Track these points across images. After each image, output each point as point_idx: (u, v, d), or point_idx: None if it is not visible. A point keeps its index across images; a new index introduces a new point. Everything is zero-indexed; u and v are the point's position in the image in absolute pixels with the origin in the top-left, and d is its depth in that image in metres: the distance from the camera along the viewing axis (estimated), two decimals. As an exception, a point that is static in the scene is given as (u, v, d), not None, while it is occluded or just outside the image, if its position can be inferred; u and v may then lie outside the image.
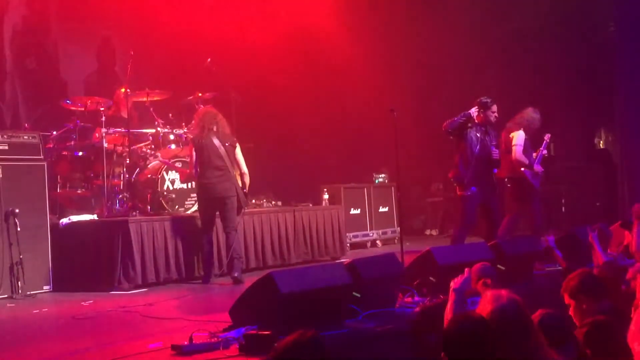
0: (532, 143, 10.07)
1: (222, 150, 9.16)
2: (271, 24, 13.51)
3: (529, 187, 9.94)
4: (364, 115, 14.47)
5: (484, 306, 3.88)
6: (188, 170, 9.52)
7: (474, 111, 9.41)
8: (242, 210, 9.41)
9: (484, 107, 9.44)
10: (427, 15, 15.47)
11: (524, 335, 3.84)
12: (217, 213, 9.25)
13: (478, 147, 9.36)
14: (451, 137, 9.55)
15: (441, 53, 15.58)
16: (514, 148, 9.95)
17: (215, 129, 9.24)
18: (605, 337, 4.57)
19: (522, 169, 9.90)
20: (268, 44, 13.37)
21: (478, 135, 9.40)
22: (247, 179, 9.50)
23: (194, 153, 9.25)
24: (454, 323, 3.79)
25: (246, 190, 9.49)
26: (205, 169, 9.16)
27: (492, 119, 9.51)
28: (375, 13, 14.95)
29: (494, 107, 9.48)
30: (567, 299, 4.97)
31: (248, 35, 13.36)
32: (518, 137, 10.07)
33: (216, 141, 9.16)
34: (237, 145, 9.47)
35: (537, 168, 10.05)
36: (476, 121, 9.43)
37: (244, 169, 9.49)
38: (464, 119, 9.36)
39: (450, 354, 3.62)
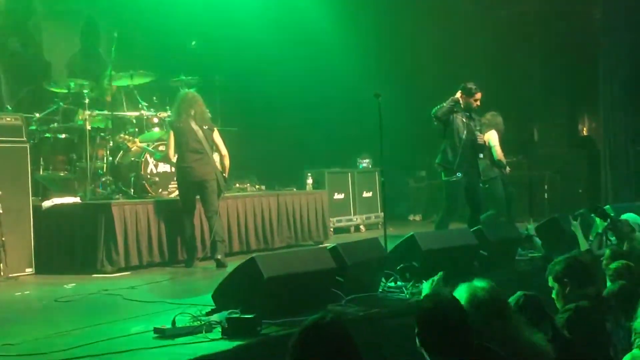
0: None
1: (200, 134, 9.13)
2: (257, 8, 13.43)
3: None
4: (348, 100, 14.46)
5: (459, 296, 3.91)
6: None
7: (458, 95, 9.44)
8: (222, 194, 9.40)
9: (467, 93, 9.45)
10: (414, 1, 15.46)
11: (500, 319, 3.88)
12: (198, 197, 9.25)
13: (465, 132, 9.39)
14: (436, 123, 9.56)
15: (426, 39, 15.58)
16: (495, 148, 10.18)
17: (193, 113, 9.20)
18: (585, 324, 4.61)
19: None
20: (253, 28, 13.31)
21: (464, 120, 9.42)
22: (227, 162, 9.49)
23: (172, 137, 9.23)
24: (427, 302, 3.83)
25: (226, 173, 9.48)
26: (183, 153, 9.14)
27: (474, 106, 9.52)
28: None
29: (478, 95, 9.48)
30: (551, 282, 4.99)
31: (233, 19, 13.28)
32: (494, 137, 10.28)
33: (194, 125, 9.13)
34: (216, 129, 9.45)
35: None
36: (461, 106, 9.46)
37: (224, 151, 9.48)
38: (452, 104, 9.37)
39: (423, 333, 3.65)
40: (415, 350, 3.73)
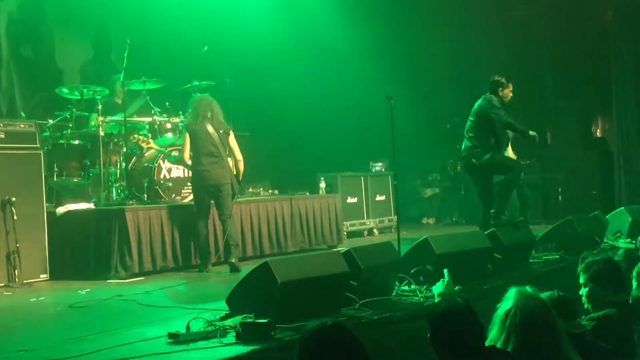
0: None
1: (215, 137, 9.15)
2: (268, 14, 13.46)
3: None
4: (361, 104, 14.45)
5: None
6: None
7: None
8: (236, 198, 9.41)
9: (502, 87, 9.37)
10: (424, 2, 15.45)
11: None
12: (212, 201, 9.26)
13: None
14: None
15: (438, 42, 15.57)
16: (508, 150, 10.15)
17: (209, 116, 9.23)
18: (612, 333, 4.51)
19: None
20: (265, 33, 13.33)
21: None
22: (242, 166, 9.51)
23: (187, 140, 9.26)
24: (439, 305, 3.82)
25: (240, 177, 9.50)
26: (199, 156, 9.16)
27: (510, 98, 9.45)
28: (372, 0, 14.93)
29: (510, 86, 9.42)
30: (583, 280, 4.81)
31: (245, 24, 13.31)
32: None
33: (210, 128, 9.16)
34: (232, 132, 9.46)
35: None
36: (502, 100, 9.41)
37: (239, 156, 9.49)
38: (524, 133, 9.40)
39: (435, 337, 3.65)
40: (429, 353, 3.72)
